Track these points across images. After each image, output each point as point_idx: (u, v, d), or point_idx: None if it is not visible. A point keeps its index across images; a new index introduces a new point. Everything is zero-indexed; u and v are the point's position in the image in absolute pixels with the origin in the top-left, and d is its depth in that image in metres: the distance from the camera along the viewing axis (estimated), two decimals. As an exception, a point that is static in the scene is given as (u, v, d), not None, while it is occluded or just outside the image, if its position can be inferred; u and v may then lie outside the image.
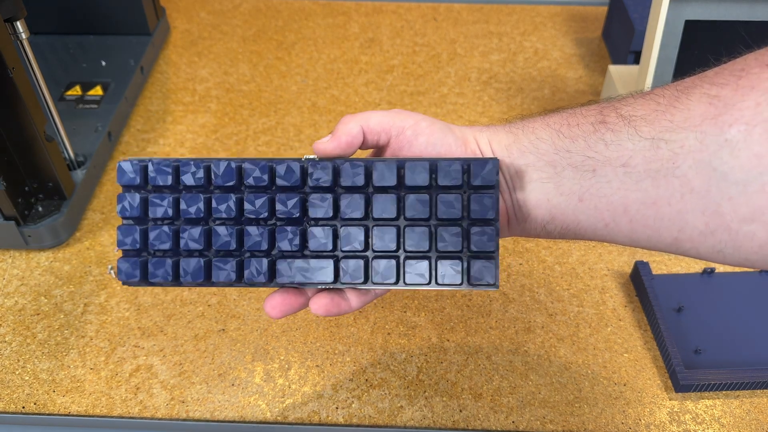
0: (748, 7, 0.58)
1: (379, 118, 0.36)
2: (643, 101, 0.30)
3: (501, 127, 0.36)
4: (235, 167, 0.37)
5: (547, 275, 0.56)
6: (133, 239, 0.37)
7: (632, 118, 0.30)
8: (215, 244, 0.37)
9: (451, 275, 0.36)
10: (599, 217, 0.31)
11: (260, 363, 0.50)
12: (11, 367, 0.49)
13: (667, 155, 0.28)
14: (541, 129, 0.33)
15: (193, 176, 0.37)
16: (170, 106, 0.74)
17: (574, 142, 0.31)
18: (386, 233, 0.36)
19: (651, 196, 0.29)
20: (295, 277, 0.37)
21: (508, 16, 0.89)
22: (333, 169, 0.37)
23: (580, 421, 0.47)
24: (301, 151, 0.68)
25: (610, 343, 0.52)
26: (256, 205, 0.37)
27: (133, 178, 0.37)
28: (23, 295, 0.54)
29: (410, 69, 0.80)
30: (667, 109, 0.28)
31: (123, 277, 0.37)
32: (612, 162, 0.30)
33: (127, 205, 0.37)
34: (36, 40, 0.77)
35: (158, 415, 0.47)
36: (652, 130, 0.29)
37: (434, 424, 0.47)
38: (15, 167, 0.55)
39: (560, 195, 0.32)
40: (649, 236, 0.30)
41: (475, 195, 0.36)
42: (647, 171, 0.29)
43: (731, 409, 0.48)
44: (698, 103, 0.28)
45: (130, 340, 0.51)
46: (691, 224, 0.29)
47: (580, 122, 0.32)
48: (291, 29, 0.86)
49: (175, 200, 0.38)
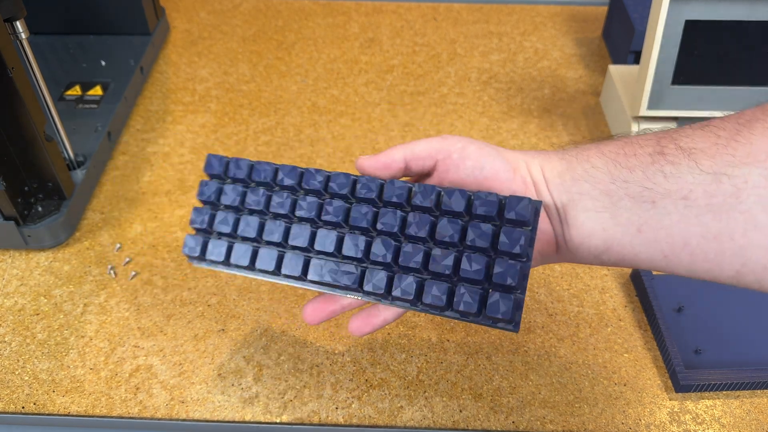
0: (748, 7, 0.58)
1: (425, 146, 0.37)
2: (703, 133, 0.29)
3: (554, 154, 0.35)
4: (298, 172, 0.42)
5: (547, 275, 0.56)
6: (202, 219, 0.43)
7: (692, 150, 0.29)
8: (265, 236, 0.41)
9: (468, 303, 0.36)
10: (658, 249, 0.31)
11: (260, 363, 0.50)
12: (11, 367, 0.49)
13: (730, 190, 0.28)
14: (596, 157, 0.33)
15: (262, 174, 0.42)
16: (170, 106, 0.74)
17: (631, 172, 0.31)
18: (415, 251, 0.38)
19: (713, 230, 0.28)
20: (324, 276, 0.40)
21: (508, 16, 0.89)
22: (379, 186, 0.40)
23: (580, 421, 0.47)
24: (300, 151, 0.68)
25: (610, 343, 0.52)
26: (306, 206, 0.41)
27: (217, 169, 0.43)
28: (23, 295, 0.54)
29: (410, 69, 0.80)
30: (728, 143, 0.28)
31: (186, 250, 0.43)
32: (672, 195, 0.29)
33: (205, 190, 0.43)
34: (36, 40, 0.77)
35: (158, 415, 0.47)
36: (714, 165, 0.28)
37: (434, 424, 0.47)
38: (15, 167, 0.55)
39: (617, 225, 0.32)
40: (709, 269, 0.30)
41: (506, 228, 0.36)
42: (709, 205, 0.28)
43: (731, 409, 0.48)
44: (761, 137, 0.27)
45: (129, 340, 0.51)
46: (755, 259, 0.28)
47: (637, 152, 0.31)
48: (291, 29, 0.86)
49: (243, 192, 0.43)
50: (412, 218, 0.38)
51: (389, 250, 0.39)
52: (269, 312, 0.53)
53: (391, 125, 0.71)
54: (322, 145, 0.69)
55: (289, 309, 0.54)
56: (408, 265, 0.38)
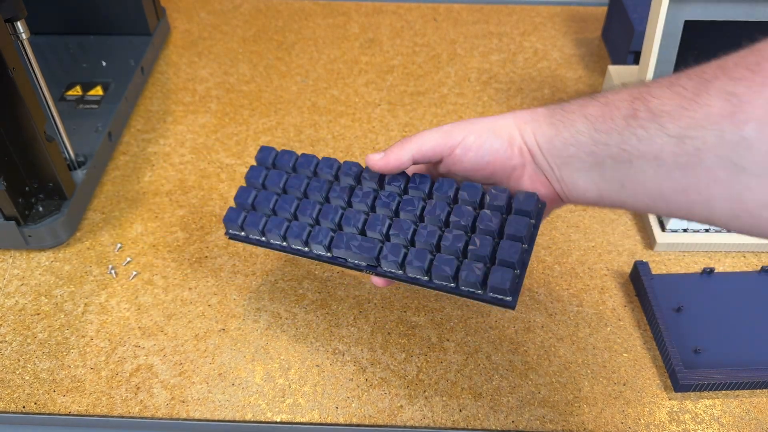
0: (748, 7, 0.58)
1: (431, 144, 0.41)
2: (670, 94, 0.32)
3: (543, 117, 0.39)
4: (336, 164, 0.47)
5: (546, 275, 0.57)
6: (246, 197, 0.48)
7: (660, 114, 0.32)
8: (300, 214, 0.46)
9: (474, 275, 0.40)
10: (640, 200, 0.35)
11: (260, 363, 0.50)
12: (12, 366, 0.50)
13: (692, 150, 0.31)
14: (580, 122, 0.36)
15: (305, 165, 0.48)
16: (170, 106, 0.74)
17: (609, 135, 0.34)
18: (430, 232, 0.42)
19: (682, 184, 0.32)
20: (347, 249, 0.44)
21: (507, 17, 0.89)
22: (406, 178, 0.45)
23: (580, 420, 0.47)
24: (301, 151, 0.68)
25: (609, 342, 0.52)
26: (339, 192, 0.46)
27: (266, 157, 0.48)
28: (24, 294, 0.55)
29: (410, 69, 0.80)
30: (690, 104, 0.31)
31: (227, 220, 0.48)
32: (645, 155, 0.33)
33: (254, 174, 0.48)
34: (36, 40, 0.77)
35: (158, 415, 0.47)
36: (678, 128, 0.31)
37: (434, 423, 0.47)
38: (15, 167, 0.55)
39: (604, 182, 0.36)
40: (684, 215, 0.34)
41: (512, 217, 0.41)
42: (676, 164, 0.32)
43: (730, 409, 0.48)
44: (717, 99, 0.30)
45: (130, 340, 0.51)
46: (719, 209, 0.31)
47: (614, 115, 0.34)
48: (291, 29, 0.86)
49: (286, 178, 0.48)
50: (430, 205, 0.43)
51: (409, 230, 0.43)
52: (269, 311, 0.53)
53: (391, 125, 0.72)
54: (323, 145, 0.69)
55: (289, 309, 0.54)
56: (422, 243, 0.42)
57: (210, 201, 0.63)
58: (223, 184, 0.64)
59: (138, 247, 0.58)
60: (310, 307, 0.54)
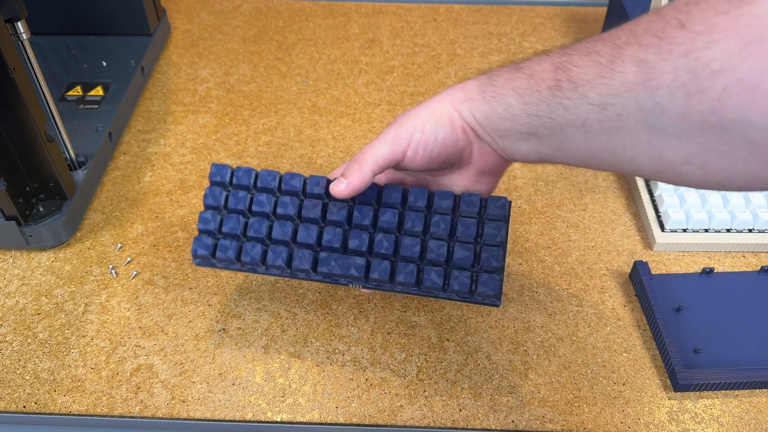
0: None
1: (384, 156, 0.42)
2: (588, 62, 0.34)
3: (476, 95, 0.40)
4: (302, 179, 0.46)
5: (546, 275, 0.57)
6: (212, 223, 0.46)
7: (581, 83, 0.34)
8: (274, 235, 0.45)
9: (463, 284, 0.43)
10: (576, 159, 0.38)
11: (261, 362, 0.50)
12: (12, 366, 0.50)
13: (614, 116, 0.33)
14: (510, 96, 0.38)
15: (268, 182, 0.46)
16: (171, 106, 0.74)
17: (538, 107, 0.37)
18: (413, 243, 0.44)
19: (609, 146, 0.35)
20: (334, 268, 0.44)
21: (507, 17, 0.89)
22: (377, 190, 0.45)
23: (580, 420, 0.47)
24: (301, 151, 0.68)
25: (609, 342, 0.52)
26: (312, 209, 0.45)
27: (222, 177, 0.46)
28: (24, 294, 0.55)
29: (410, 69, 0.80)
30: (606, 72, 0.33)
31: (195, 252, 0.46)
32: (573, 123, 0.35)
33: (212, 196, 0.46)
34: (37, 40, 0.78)
35: (159, 415, 0.47)
36: (598, 96, 0.33)
37: (434, 423, 0.47)
38: (16, 167, 0.55)
39: (542, 146, 0.39)
40: (615, 170, 0.39)
41: (488, 222, 0.44)
42: (601, 129, 0.34)
43: (730, 409, 0.48)
44: (630, 65, 0.31)
45: (130, 340, 0.51)
46: (644, 167, 0.34)
47: (540, 87, 0.36)
48: (291, 30, 0.86)
49: (250, 198, 0.46)
50: (408, 217, 0.45)
51: (390, 243, 0.44)
52: (270, 311, 0.53)
53: (391, 126, 0.72)
54: (323, 146, 0.69)
55: (289, 309, 0.54)
56: (407, 255, 0.44)
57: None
58: (224, 185, 0.64)
59: (138, 247, 0.58)
60: (310, 307, 0.54)
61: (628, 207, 0.63)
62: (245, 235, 0.46)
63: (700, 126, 0.30)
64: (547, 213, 0.62)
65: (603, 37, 0.34)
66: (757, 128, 0.28)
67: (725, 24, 0.28)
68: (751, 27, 0.27)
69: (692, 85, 0.29)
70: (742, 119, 0.28)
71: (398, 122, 0.42)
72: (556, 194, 0.64)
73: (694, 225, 0.58)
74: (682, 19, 0.29)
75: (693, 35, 0.29)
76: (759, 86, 0.27)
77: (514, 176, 0.66)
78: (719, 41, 0.28)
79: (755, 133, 0.28)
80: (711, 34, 0.28)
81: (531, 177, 0.66)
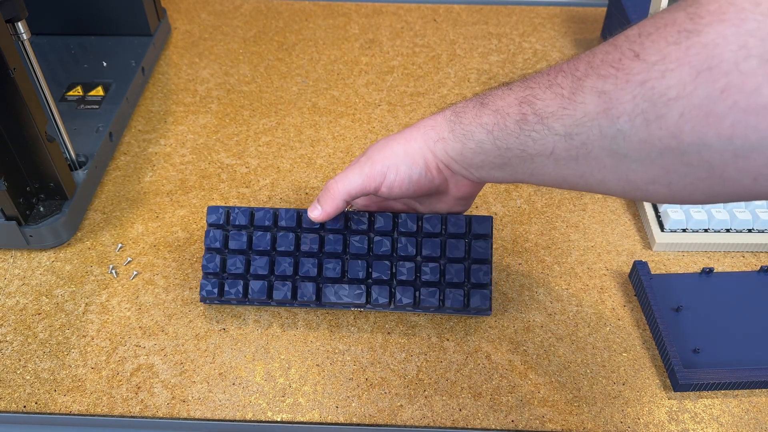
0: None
1: (356, 186, 0.45)
2: (551, 95, 0.35)
3: (448, 134, 0.42)
4: (296, 214, 0.50)
5: (546, 275, 0.57)
6: (214, 264, 0.50)
7: (545, 116, 0.36)
8: (277, 271, 0.50)
9: (457, 301, 0.49)
10: (549, 183, 0.40)
11: (261, 362, 0.50)
12: (12, 366, 0.50)
13: (579, 144, 0.35)
14: (479, 132, 0.40)
15: (263, 220, 0.50)
16: (171, 106, 0.74)
17: (508, 141, 0.38)
18: (408, 269, 0.49)
19: (578, 172, 0.36)
20: (341, 298, 0.50)
21: (507, 17, 0.89)
22: (368, 218, 0.50)
23: (579, 420, 0.47)
24: (301, 151, 0.68)
25: (608, 342, 0.52)
26: (309, 242, 0.50)
27: (218, 218, 0.50)
28: (24, 294, 0.55)
29: (410, 70, 0.80)
30: (569, 104, 0.34)
31: (204, 294, 0.50)
32: (542, 153, 0.37)
33: (212, 239, 0.50)
34: (37, 40, 0.78)
35: (159, 415, 0.47)
36: (563, 126, 0.35)
37: (434, 423, 0.47)
38: (16, 167, 0.55)
39: (516, 174, 0.40)
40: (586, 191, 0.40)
41: (474, 242, 0.49)
42: (569, 156, 0.36)
43: (730, 409, 0.48)
44: (591, 97, 0.33)
45: (131, 340, 0.51)
46: (613, 188, 0.36)
47: (507, 122, 0.38)
48: (291, 30, 0.86)
49: (249, 237, 0.50)
50: (400, 243, 0.49)
51: (386, 269, 0.49)
52: (270, 311, 0.54)
53: (391, 126, 0.72)
54: (323, 146, 0.69)
55: (289, 308, 0.54)
56: (403, 279, 0.49)
57: (211, 201, 0.63)
58: (224, 184, 0.64)
59: (139, 246, 0.59)
60: (310, 307, 0.54)
61: (628, 207, 0.63)
62: (248, 273, 0.50)
63: (660, 150, 0.31)
64: (547, 213, 0.62)
65: (563, 69, 0.36)
66: (713, 150, 0.29)
67: (677, 54, 0.29)
68: (700, 56, 0.28)
69: (651, 113, 0.31)
70: (699, 142, 0.30)
71: (372, 158, 0.45)
72: (555, 194, 0.64)
73: (693, 225, 0.58)
74: (636, 50, 0.31)
75: (648, 65, 0.30)
76: (712, 111, 0.28)
77: (514, 176, 0.66)
78: (673, 70, 0.29)
79: (711, 155, 0.30)
80: (665, 63, 0.30)
81: (531, 177, 0.66)
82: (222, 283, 0.50)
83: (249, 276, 0.50)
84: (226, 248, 0.50)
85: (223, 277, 0.50)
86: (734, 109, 0.28)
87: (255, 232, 0.50)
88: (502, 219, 0.61)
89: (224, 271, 0.50)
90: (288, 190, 0.64)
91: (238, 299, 0.50)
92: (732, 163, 0.29)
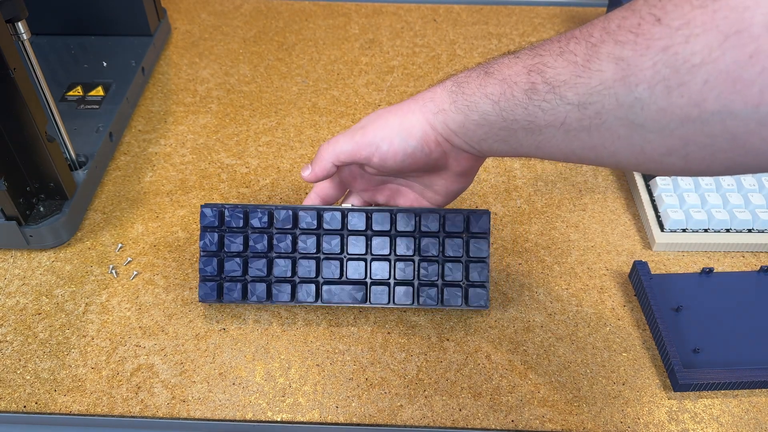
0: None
1: (346, 152, 0.44)
2: (563, 62, 0.34)
3: (449, 106, 0.40)
4: (291, 214, 0.49)
5: (546, 275, 0.57)
6: (212, 267, 0.50)
7: (557, 84, 0.34)
8: (275, 273, 0.50)
9: (455, 299, 0.50)
10: (555, 156, 0.38)
11: (261, 362, 0.50)
12: (12, 366, 0.50)
13: (593, 114, 0.33)
14: (484, 103, 0.38)
15: (259, 220, 0.49)
16: (171, 106, 0.74)
17: (515, 111, 0.37)
18: (407, 267, 0.50)
19: (589, 144, 0.35)
20: (341, 298, 0.50)
21: (507, 17, 0.89)
22: (366, 217, 0.49)
23: (579, 420, 0.47)
24: (301, 151, 0.68)
25: (608, 342, 0.52)
26: (307, 243, 0.50)
27: (212, 220, 0.49)
28: (25, 294, 0.55)
29: (410, 70, 0.80)
30: (583, 72, 0.33)
31: (203, 296, 0.50)
32: (552, 124, 0.35)
33: (208, 242, 0.49)
34: (37, 40, 0.78)
35: (159, 414, 0.47)
36: (576, 95, 0.33)
37: (434, 423, 0.47)
38: (16, 167, 0.55)
39: (521, 147, 0.39)
40: (595, 164, 0.37)
41: (473, 240, 0.49)
42: (581, 127, 0.34)
43: (730, 408, 0.48)
44: (607, 64, 0.32)
45: (131, 340, 0.51)
46: (625, 160, 0.35)
47: (515, 92, 0.36)
48: (291, 30, 0.86)
49: (245, 238, 0.50)
50: (399, 242, 0.49)
51: (385, 269, 0.50)
52: (270, 311, 0.54)
53: (391, 126, 0.72)
54: (323, 146, 0.69)
55: (289, 309, 0.54)
56: (401, 279, 0.50)
57: (210, 201, 0.63)
58: (224, 184, 0.65)
59: (139, 246, 0.59)
60: (310, 306, 0.54)
61: (628, 207, 0.63)
62: (247, 274, 0.50)
63: (681, 119, 0.30)
64: (547, 213, 0.62)
65: (575, 35, 0.34)
66: (738, 118, 0.28)
67: (703, 18, 0.28)
68: (728, 20, 0.27)
69: (672, 80, 0.29)
70: (724, 110, 0.28)
71: (365, 127, 0.43)
72: (555, 194, 0.64)
73: (693, 225, 0.58)
74: (658, 15, 0.30)
75: (671, 30, 0.29)
76: (740, 77, 0.27)
77: (514, 176, 0.66)
78: (699, 35, 0.28)
79: (736, 124, 0.28)
80: (689, 28, 0.28)
81: (531, 177, 0.66)
82: (221, 285, 0.50)
83: (248, 277, 0.50)
84: (222, 250, 0.50)
85: (222, 278, 0.50)
86: (764, 75, 0.27)
87: (251, 233, 0.50)
88: (502, 219, 0.62)
89: (222, 273, 0.50)
90: (288, 190, 0.64)
91: (237, 301, 0.50)
92: (757, 132, 0.28)
